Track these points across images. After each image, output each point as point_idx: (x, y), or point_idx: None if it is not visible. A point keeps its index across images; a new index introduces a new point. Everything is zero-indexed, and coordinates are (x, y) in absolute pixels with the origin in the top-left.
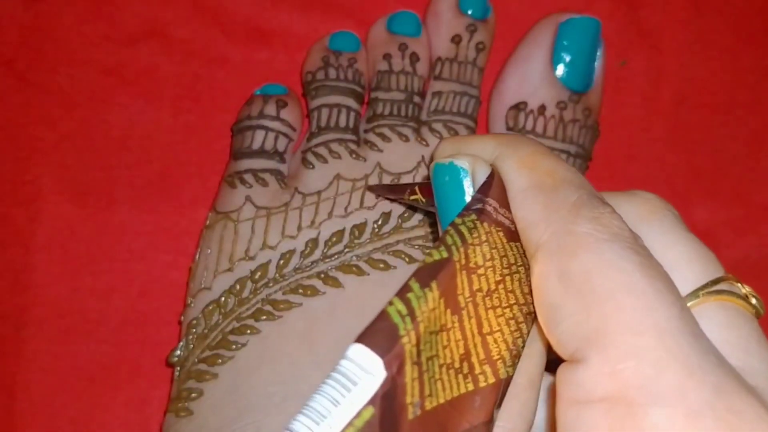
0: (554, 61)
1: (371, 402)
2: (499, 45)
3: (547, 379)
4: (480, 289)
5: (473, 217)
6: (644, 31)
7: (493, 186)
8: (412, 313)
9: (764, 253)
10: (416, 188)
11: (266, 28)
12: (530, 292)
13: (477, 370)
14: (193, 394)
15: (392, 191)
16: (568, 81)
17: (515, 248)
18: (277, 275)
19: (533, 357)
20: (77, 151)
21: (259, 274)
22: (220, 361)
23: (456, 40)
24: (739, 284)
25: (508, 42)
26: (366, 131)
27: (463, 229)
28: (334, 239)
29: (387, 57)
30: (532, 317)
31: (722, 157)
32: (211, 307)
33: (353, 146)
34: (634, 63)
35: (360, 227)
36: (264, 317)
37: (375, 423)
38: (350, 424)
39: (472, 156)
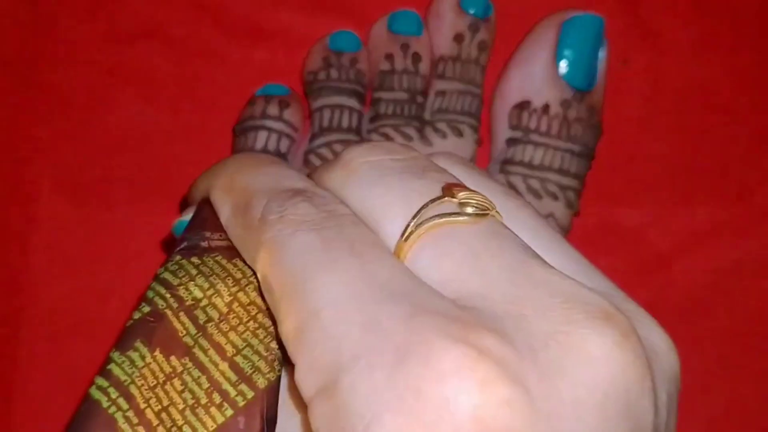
0: (558, 60)
1: None
2: (501, 44)
3: None
4: (210, 319)
5: (177, 258)
6: (646, 31)
7: (200, 218)
8: (116, 381)
9: (766, 254)
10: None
11: (266, 28)
12: None
13: (233, 394)
14: None
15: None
16: (572, 79)
17: (239, 263)
18: None
19: None
20: (76, 151)
21: None
22: None
23: (458, 39)
24: (451, 198)
25: (510, 41)
26: (369, 131)
27: (167, 275)
28: None
29: (389, 57)
30: None
31: (723, 157)
32: None
33: None
34: (636, 63)
35: None
36: None
37: None
38: None
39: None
